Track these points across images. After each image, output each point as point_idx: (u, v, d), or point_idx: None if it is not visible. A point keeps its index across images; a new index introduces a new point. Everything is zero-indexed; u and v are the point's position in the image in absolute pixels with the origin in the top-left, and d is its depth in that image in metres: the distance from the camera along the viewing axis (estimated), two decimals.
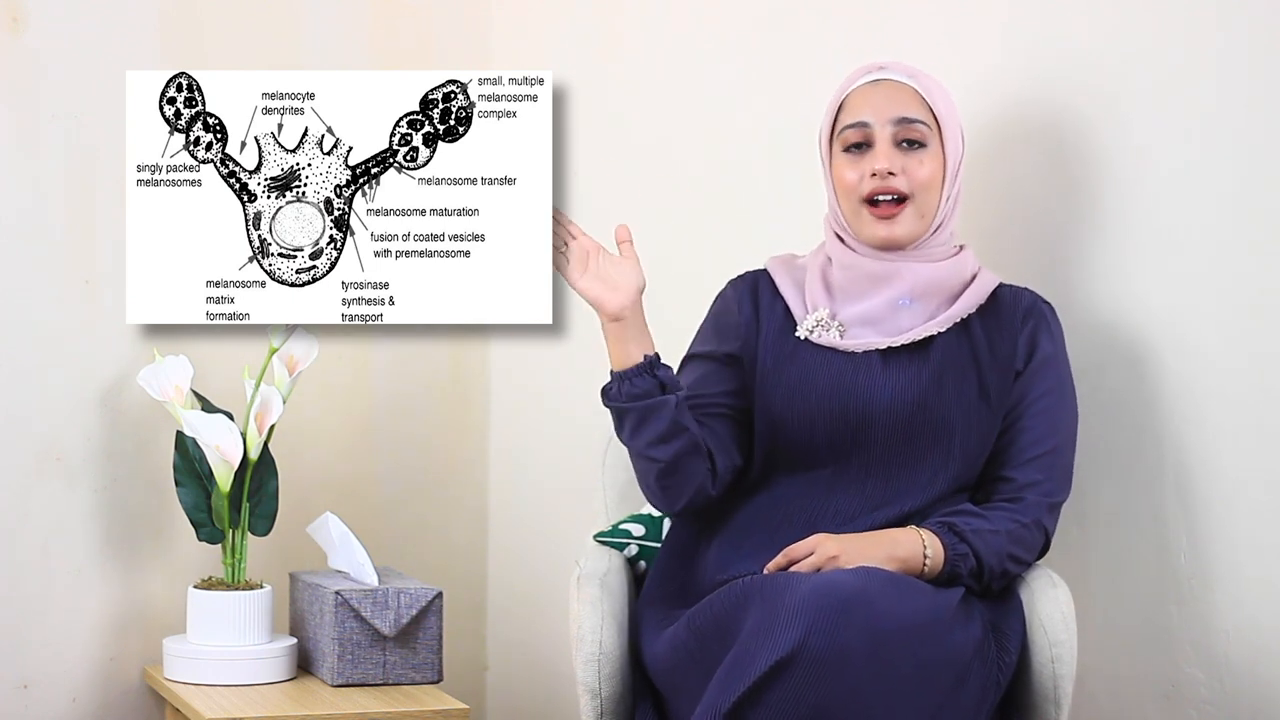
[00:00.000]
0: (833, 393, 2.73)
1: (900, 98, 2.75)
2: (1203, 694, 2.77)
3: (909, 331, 2.74)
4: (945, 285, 2.77)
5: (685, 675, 2.60)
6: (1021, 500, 2.71)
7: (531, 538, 3.67)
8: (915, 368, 2.73)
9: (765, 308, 2.83)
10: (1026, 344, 2.76)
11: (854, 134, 2.75)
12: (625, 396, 2.71)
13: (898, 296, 2.75)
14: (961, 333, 2.76)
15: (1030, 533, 2.70)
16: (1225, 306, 2.74)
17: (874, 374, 2.73)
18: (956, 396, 2.72)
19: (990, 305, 2.79)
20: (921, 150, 2.74)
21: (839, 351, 2.76)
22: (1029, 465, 2.73)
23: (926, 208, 2.75)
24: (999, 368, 2.75)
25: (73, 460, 3.28)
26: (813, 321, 2.78)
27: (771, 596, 2.47)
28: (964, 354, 2.75)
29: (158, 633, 3.33)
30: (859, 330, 2.76)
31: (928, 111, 2.75)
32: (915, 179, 2.74)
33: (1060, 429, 2.75)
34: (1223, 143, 2.74)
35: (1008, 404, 2.74)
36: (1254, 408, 2.71)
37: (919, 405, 2.71)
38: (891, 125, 2.74)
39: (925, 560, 2.63)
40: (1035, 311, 2.78)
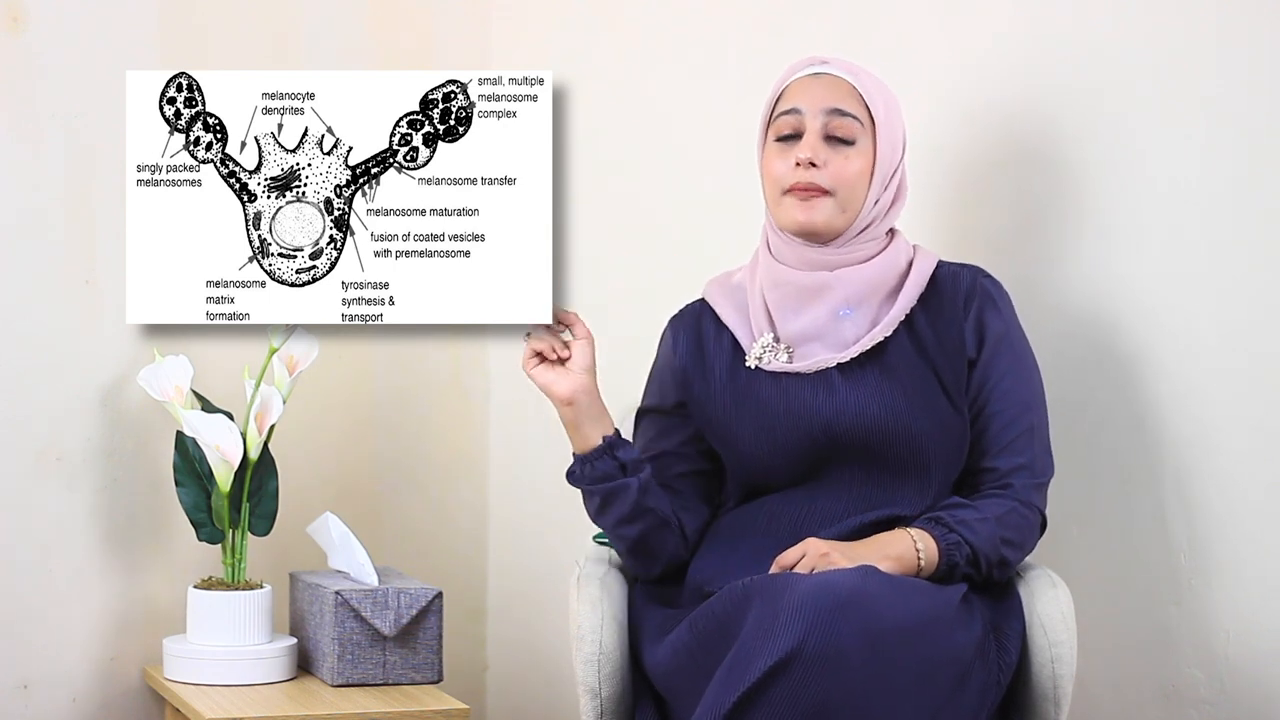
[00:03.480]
0: (794, 419, 2.71)
1: (837, 91, 2.73)
2: (1203, 694, 2.77)
3: (856, 343, 2.72)
4: (882, 285, 2.74)
5: (687, 677, 2.59)
6: (1009, 486, 2.69)
7: (531, 538, 3.67)
8: (873, 379, 2.71)
9: (711, 344, 2.81)
10: (974, 330, 2.73)
11: (786, 122, 2.73)
12: (588, 479, 2.73)
13: (836, 308, 2.72)
14: (908, 330, 2.73)
15: (1021, 516, 2.68)
16: (1225, 306, 2.74)
17: (834, 392, 2.71)
18: (922, 403, 2.69)
19: (931, 291, 2.75)
20: (849, 147, 2.72)
21: (792, 375, 2.74)
22: (1007, 451, 2.70)
23: (849, 204, 2.72)
24: (950, 361, 2.72)
25: (73, 460, 3.28)
26: (759, 349, 2.76)
27: (771, 597, 2.47)
28: (915, 353, 2.72)
29: (158, 633, 3.33)
30: (807, 348, 2.74)
31: (863, 109, 2.73)
32: (839, 175, 2.71)
33: (1031, 406, 2.72)
34: (1223, 142, 2.74)
35: (970, 393, 2.72)
36: (1254, 408, 2.71)
37: (887, 417, 2.68)
38: (823, 115, 2.72)
39: (919, 556, 2.62)
40: (976, 292, 2.74)
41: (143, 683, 3.34)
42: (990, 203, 3.02)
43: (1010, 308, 2.76)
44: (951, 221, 3.07)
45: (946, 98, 3.06)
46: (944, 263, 2.79)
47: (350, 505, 3.50)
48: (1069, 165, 2.92)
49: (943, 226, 3.07)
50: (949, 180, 3.07)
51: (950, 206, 3.07)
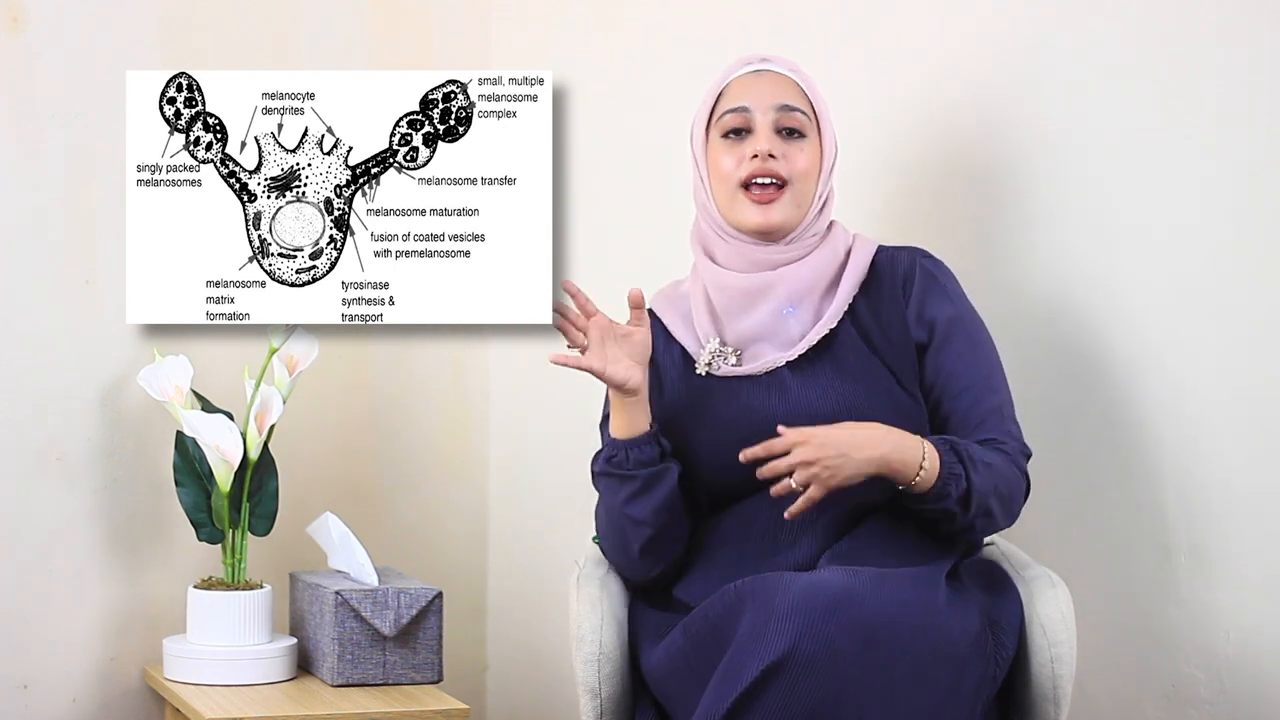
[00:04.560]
0: (750, 423, 2.69)
1: (782, 87, 2.74)
2: (1203, 694, 2.77)
3: (803, 340, 2.71)
4: (822, 279, 2.73)
5: (682, 682, 2.59)
6: (1004, 450, 2.67)
7: (531, 538, 3.67)
8: (824, 375, 2.70)
9: (661, 355, 2.79)
10: (917, 318, 2.72)
11: (733, 119, 2.73)
12: (632, 463, 2.70)
13: (779, 307, 2.72)
14: (852, 320, 2.73)
15: (1015, 477, 2.67)
16: (1225, 306, 2.74)
17: (786, 391, 2.71)
18: (875, 392, 2.69)
19: (871, 278, 2.75)
20: (801, 140, 2.73)
21: (744, 378, 2.73)
22: (985, 425, 2.68)
23: (803, 197, 2.72)
24: (896, 348, 2.71)
25: (73, 460, 3.28)
26: (708, 355, 2.75)
27: (763, 600, 2.46)
28: (861, 343, 2.72)
29: (158, 633, 3.33)
30: (755, 349, 2.73)
31: (808, 104, 2.74)
32: (794, 166, 2.71)
33: (994, 381, 2.70)
34: (1221, 140, 2.74)
35: (929, 378, 2.71)
36: (1254, 407, 2.71)
37: (840, 411, 2.67)
38: (773, 111, 2.73)
39: (921, 467, 2.58)
40: (914, 274, 2.74)
41: (143, 683, 3.35)
42: (983, 204, 3.02)
43: (955, 284, 2.75)
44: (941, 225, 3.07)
45: (940, 95, 3.06)
46: (884, 247, 2.78)
47: (350, 505, 3.50)
48: (1061, 165, 2.92)
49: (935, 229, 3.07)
50: (933, 183, 3.07)
51: (938, 211, 3.07)
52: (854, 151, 2.97)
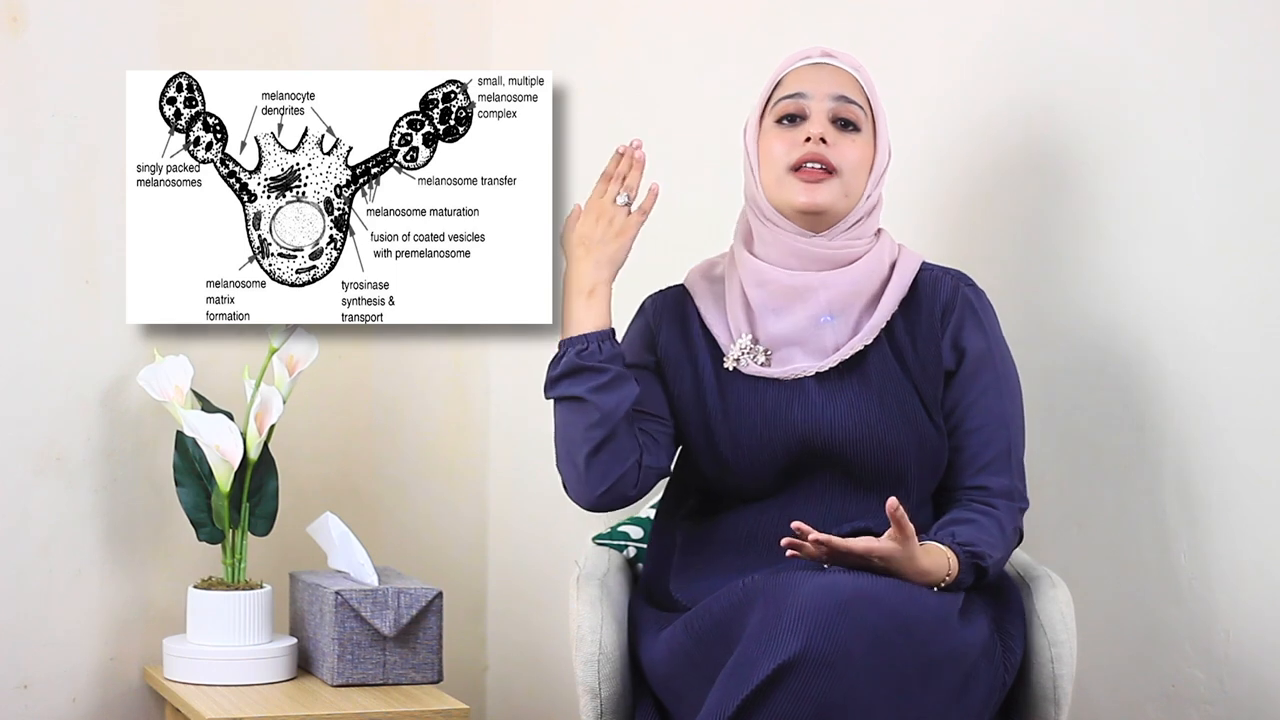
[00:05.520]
0: (769, 427, 2.68)
1: (842, 80, 2.72)
2: (1203, 694, 2.77)
3: (836, 352, 2.69)
4: (865, 290, 2.70)
5: (685, 680, 2.59)
6: (995, 508, 2.66)
7: (531, 538, 3.67)
8: (853, 390, 2.68)
9: (696, 340, 2.76)
10: (952, 345, 2.70)
11: (789, 105, 2.71)
12: (606, 356, 2.68)
13: (818, 314, 2.69)
14: (888, 339, 2.70)
15: (1011, 541, 2.67)
16: (1225, 306, 2.74)
17: (810, 401, 2.68)
18: (899, 416, 2.67)
19: (911, 298, 2.72)
20: (855, 133, 2.70)
21: (769, 380, 2.71)
22: (988, 470, 2.67)
23: (852, 189, 2.69)
24: (928, 374, 2.69)
25: (73, 460, 3.28)
26: (738, 351, 2.72)
27: (774, 599, 2.45)
28: (894, 363, 2.69)
29: (158, 633, 3.33)
30: (786, 352, 2.71)
31: (865, 100, 2.72)
32: (845, 157, 2.69)
33: (1009, 425, 2.69)
34: (1223, 140, 2.74)
35: (948, 407, 2.70)
36: (1254, 407, 2.72)
37: (862, 430, 2.66)
38: (830, 101, 2.70)
39: (941, 583, 2.57)
40: (955, 303, 2.71)
41: (143, 683, 3.35)
42: (989, 205, 3.02)
43: (993, 318, 2.73)
44: (951, 225, 3.07)
45: (945, 99, 3.06)
46: (927, 265, 2.75)
47: (350, 505, 3.50)
48: (1065, 164, 2.92)
49: (944, 230, 3.07)
50: (949, 184, 3.07)
51: (950, 210, 3.07)
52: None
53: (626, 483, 2.70)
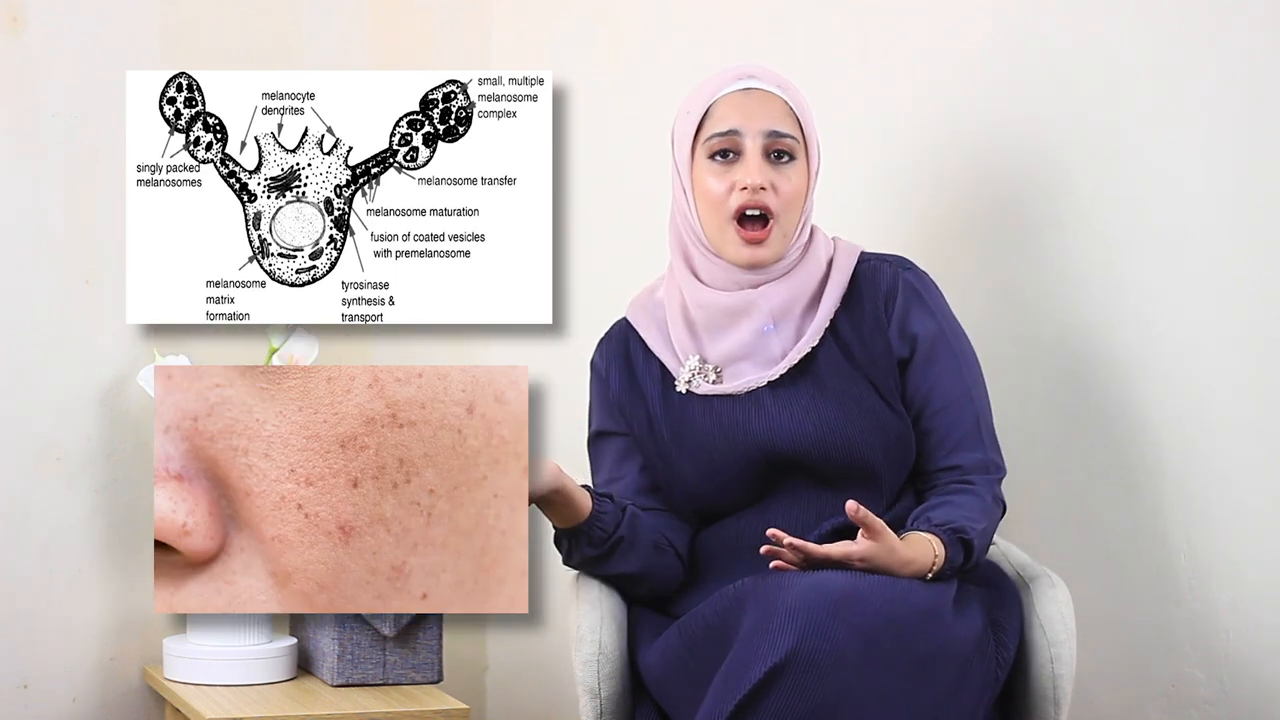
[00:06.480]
0: (729, 443, 2.68)
1: (772, 109, 2.69)
2: (1203, 694, 2.77)
3: (784, 359, 2.69)
4: (804, 295, 2.70)
5: (680, 683, 2.59)
6: (973, 484, 2.67)
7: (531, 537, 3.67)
8: (807, 394, 2.68)
9: (641, 372, 2.77)
10: (900, 334, 2.70)
11: (722, 142, 2.68)
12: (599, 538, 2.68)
13: (760, 325, 2.69)
14: (834, 336, 2.70)
15: (995, 516, 2.67)
16: (1225, 306, 2.74)
17: (765, 411, 2.68)
18: (858, 412, 2.67)
19: (852, 291, 2.72)
20: (790, 164, 2.68)
21: (723, 397, 2.71)
22: (960, 448, 2.68)
23: (789, 226, 2.68)
24: (879, 365, 2.69)
25: (73, 460, 3.28)
26: (688, 373, 2.72)
27: (765, 600, 2.45)
28: (844, 359, 2.70)
29: (158, 633, 3.33)
30: (736, 367, 2.71)
31: (796, 125, 2.70)
32: (783, 194, 2.67)
33: (973, 399, 2.69)
34: (1222, 143, 2.74)
35: (909, 394, 2.70)
36: (1254, 408, 2.71)
37: (821, 432, 2.66)
38: (763, 137, 2.67)
39: (932, 568, 2.57)
40: (897, 290, 2.71)
41: (143, 683, 3.34)
42: (982, 204, 3.02)
43: (938, 297, 2.73)
44: (945, 233, 3.07)
45: (938, 100, 3.06)
46: (866, 256, 2.75)
47: None
48: (1063, 166, 2.92)
49: (937, 236, 3.07)
50: (937, 188, 3.07)
51: (940, 214, 3.07)
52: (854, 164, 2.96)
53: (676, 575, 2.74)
